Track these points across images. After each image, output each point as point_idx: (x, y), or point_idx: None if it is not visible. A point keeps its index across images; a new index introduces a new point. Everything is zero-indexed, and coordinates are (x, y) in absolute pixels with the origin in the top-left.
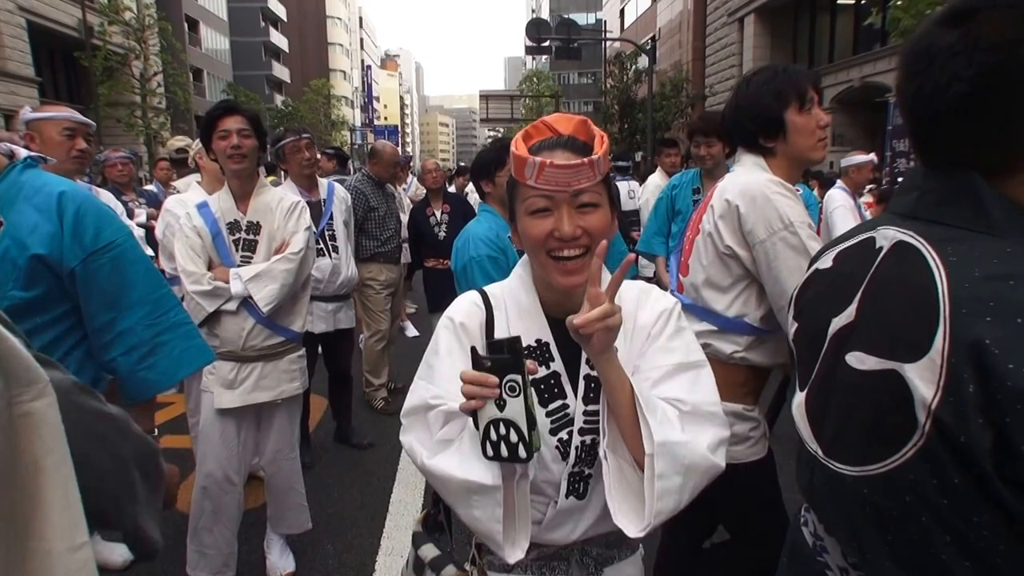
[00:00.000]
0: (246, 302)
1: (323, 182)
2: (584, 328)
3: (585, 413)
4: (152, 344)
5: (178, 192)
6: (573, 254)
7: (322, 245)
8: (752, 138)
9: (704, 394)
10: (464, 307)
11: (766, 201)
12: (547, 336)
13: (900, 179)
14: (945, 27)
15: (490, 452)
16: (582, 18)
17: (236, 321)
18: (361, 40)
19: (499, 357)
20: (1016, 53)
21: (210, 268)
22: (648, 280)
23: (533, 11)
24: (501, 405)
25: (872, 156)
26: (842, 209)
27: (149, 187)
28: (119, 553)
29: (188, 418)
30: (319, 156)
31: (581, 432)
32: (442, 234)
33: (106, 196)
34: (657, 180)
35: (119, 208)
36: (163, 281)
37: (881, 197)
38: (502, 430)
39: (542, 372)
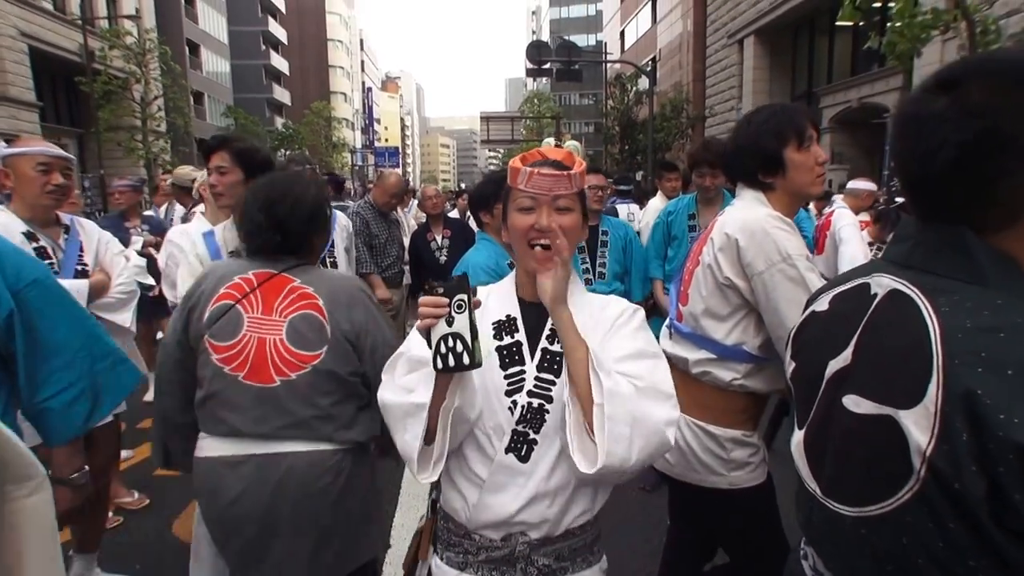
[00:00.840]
0: None
1: None
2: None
3: (536, 379)
4: (87, 378)
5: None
6: (547, 244)
7: None
8: (752, 174)
9: (661, 377)
10: None
11: (764, 235)
12: (516, 312)
13: (897, 198)
14: (933, 94)
15: (440, 364)
16: (582, 40)
17: None
18: (362, 62)
19: (448, 283)
20: (999, 120)
21: None
22: (645, 302)
23: (534, 33)
24: (450, 321)
25: (874, 187)
26: (851, 227)
27: (147, 212)
28: None
29: None
30: None
31: (529, 394)
32: (443, 259)
33: (90, 226)
34: (658, 203)
35: (104, 236)
36: (87, 314)
37: (878, 217)
38: (451, 343)
39: (507, 341)
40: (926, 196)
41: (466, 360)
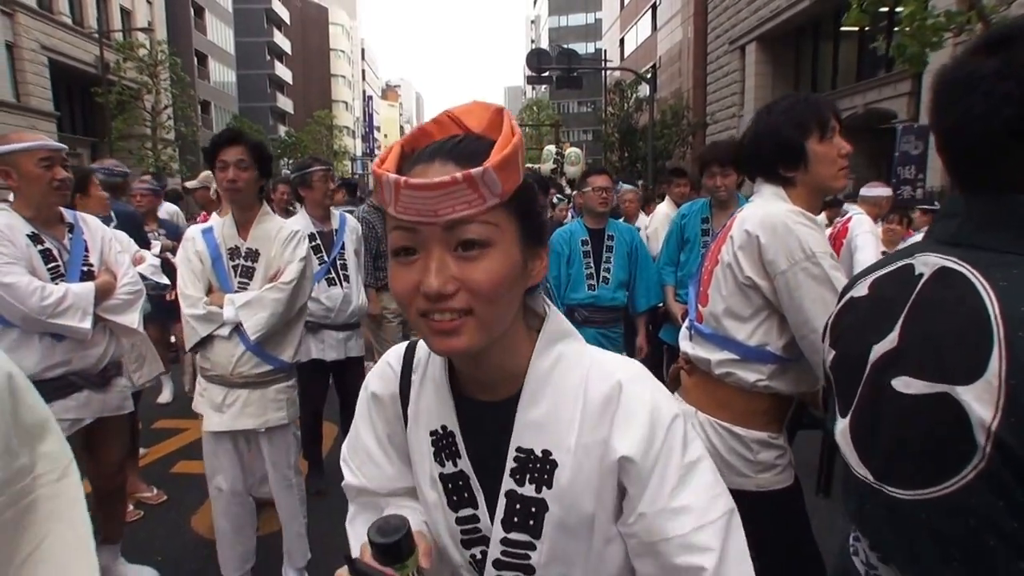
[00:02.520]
0: (238, 328)
1: (335, 212)
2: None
3: (505, 542)
4: None
5: None
6: (445, 318)
7: (334, 274)
8: (772, 168)
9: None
10: (380, 370)
11: (787, 231)
12: (452, 423)
13: (906, 206)
14: (983, 55)
15: None
16: (582, 48)
17: (227, 347)
18: (363, 71)
19: (380, 554)
20: None
21: (210, 292)
22: (656, 310)
23: (533, 41)
24: None
25: (890, 191)
26: (868, 234)
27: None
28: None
29: None
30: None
31: (498, 565)
32: None
33: (94, 223)
34: (665, 209)
35: (107, 234)
36: None
37: (890, 223)
38: None
39: (449, 468)
40: (979, 163)
41: None
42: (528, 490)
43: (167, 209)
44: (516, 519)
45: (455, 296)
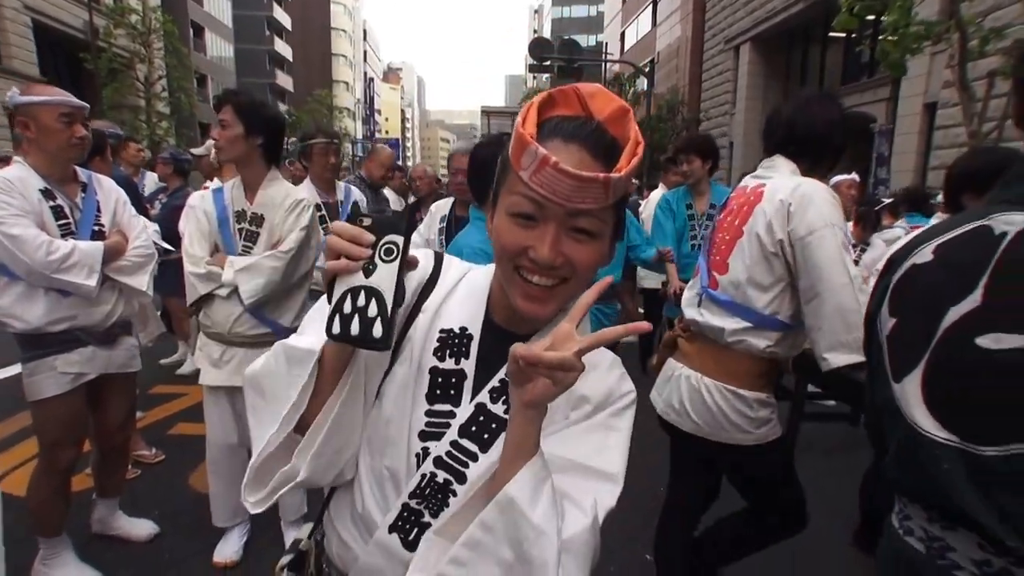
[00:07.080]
0: (237, 290)
1: (340, 184)
2: (527, 364)
3: (454, 444)
4: None
5: None
6: (544, 283)
7: None
8: (806, 153)
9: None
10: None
11: (823, 200)
12: (476, 330)
13: (881, 202)
14: None
15: (337, 328)
16: (583, 40)
17: (226, 306)
18: (364, 52)
19: (382, 218)
20: None
21: (216, 253)
22: (655, 292)
23: (535, 31)
24: (369, 270)
25: (853, 175)
26: None
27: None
28: (142, 527)
29: None
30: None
31: (438, 463)
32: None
33: (108, 183)
34: (661, 193)
35: (122, 196)
36: None
37: (859, 218)
38: (361, 301)
39: (449, 364)
40: None
41: (377, 331)
42: (498, 409)
43: (148, 179)
44: (474, 428)
45: (558, 268)
